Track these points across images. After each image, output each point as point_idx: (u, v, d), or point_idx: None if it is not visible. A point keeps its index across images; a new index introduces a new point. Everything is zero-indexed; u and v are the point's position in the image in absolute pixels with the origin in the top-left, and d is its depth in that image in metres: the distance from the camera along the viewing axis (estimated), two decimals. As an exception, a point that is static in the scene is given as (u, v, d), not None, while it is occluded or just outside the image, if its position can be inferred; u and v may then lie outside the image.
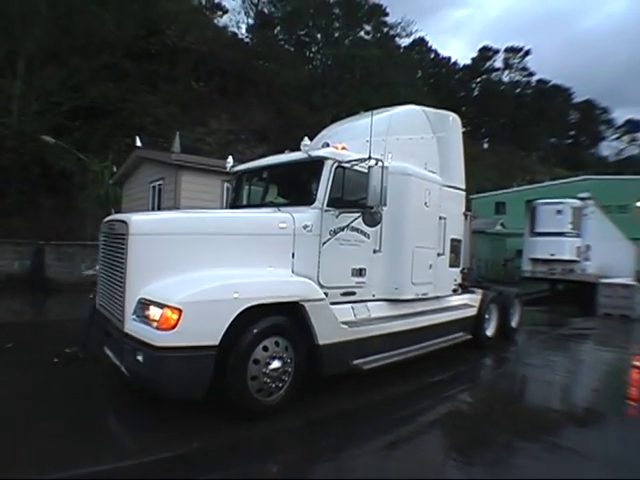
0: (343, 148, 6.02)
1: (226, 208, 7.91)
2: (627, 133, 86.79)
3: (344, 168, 5.87)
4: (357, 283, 6.15)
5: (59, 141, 19.66)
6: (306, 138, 6.19)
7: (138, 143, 16.44)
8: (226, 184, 7.48)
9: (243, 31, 44.52)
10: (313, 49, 46.99)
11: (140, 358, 4.30)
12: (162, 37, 29.16)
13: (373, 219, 5.52)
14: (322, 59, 44.76)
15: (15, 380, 5.90)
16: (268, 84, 35.64)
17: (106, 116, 24.83)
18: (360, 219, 5.63)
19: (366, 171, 5.44)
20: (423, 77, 67.61)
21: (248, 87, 33.37)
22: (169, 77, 29.05)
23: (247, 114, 31.54)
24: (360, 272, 6.11)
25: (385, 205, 5.52)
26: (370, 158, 5.48)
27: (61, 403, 5.15)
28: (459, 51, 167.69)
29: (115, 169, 19.36)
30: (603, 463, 4.42)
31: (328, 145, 6.22)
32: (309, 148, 6.09)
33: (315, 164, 5.90)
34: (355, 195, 5.67)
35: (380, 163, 5.39)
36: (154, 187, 14.68)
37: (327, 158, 5.84)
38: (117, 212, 7.45)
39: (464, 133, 9.18)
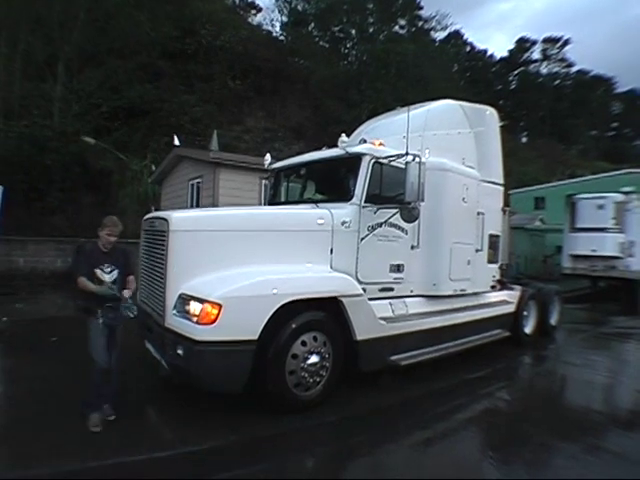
0: (380, 144, 6.03)
1: (264, 205, 8.00)
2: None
3: (381, 164, 5.89)
4: (395, 279, 6.15)
5: (99, 141, 20.17)
6: (343, 135, 6.22)
7: (176, 142, 16.69)
8: (264, 181, 7.58)
9: (277, 29, 44.72)
10: (348, 45, 46.86)
11: (180, 352, 4.43)
12: (197, 37, 29.62)
13: (411, 215, 5.51)
14: (357, 55, 44.58)
15: (60, 372, 6.13)
16: (303, 81, 35.72)
17: (144, 116, 25.34)
18: (398, 215, 5.65)
19: (403, 167, 5.44)
20: (459, 71, 66.50)
21: (283, 84, 33.54)
22: (205, 76, 29.39)
23: (283, 111, 31.69)
24: (398, 268, 6.12)
25: (423, 201, 5.52)
26: (407, 154, 5.48)
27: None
28: (502, 45, 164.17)
29: (154, 168, 19.71)
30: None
31: (365, 141, 6.28)
32: (346, 144, 6.12)
33: (352, 160, 5.93)
34: (393, 191, 5.67)
35: (417, 159, 5.39)
36: (192, 185, 14.88)
37: (364, 154, 5.87)
38: (157, 209, 7.61)
39: (502, 127, 9.04)
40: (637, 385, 7.36)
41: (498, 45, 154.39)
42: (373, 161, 5.86)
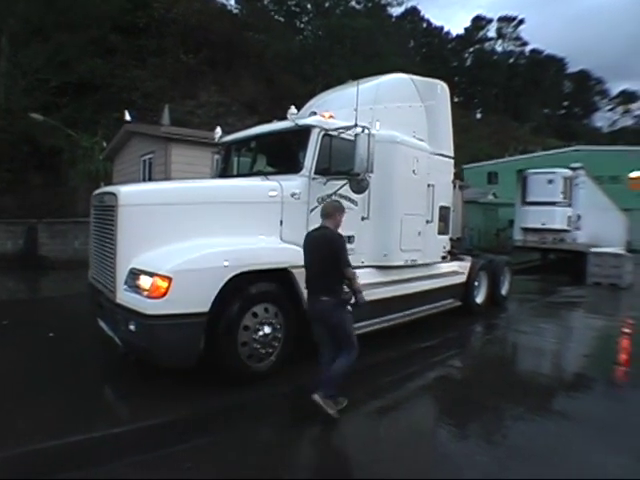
0: (330, 116, 6.03)
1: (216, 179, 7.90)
2: (621, 104, 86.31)
3: (331, 136, 5.89)
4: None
5: (48, 118, 19.48)
6: (293, 107, 6.18)
7: (127, 117, 16.32)
8: (215, 155, 7.49)
9: (232, 2, 43.62)
10: (304, 19, 46.25)
11: (132, 327, 4.40)
12: (149, 10, 28.70)
13: (360, 186, 5.56)
14: (313, 30, 44.04)
15: (12, 355, 5.99)
16: (258, 55, 35.12)
17: (95, 92, 24.60)
18: (347, 186, 5.68)
19: (353, 139, 5.45)
20: (415, 47, 66.91)
21: (237, 59, 32.90)
22: (157, 50, 28.58)
23: (237, 86, 31.11)
24: (348, 239, 6.12)
25: (372, 172, 5.55)
26: (356, 125, 5.49)
27: (56, 376, 5.26)
28: (453, 21, 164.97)
29: (105, 144, 19.20)
30: (587, 424, 4.56)
31: (315, 114, 6.26)
32: (296, 117, 6.09)
33: (302, 132, 5.91)
34: (342, 163, 5.66)
35: (366, 130, 5.40)
36: (144, 161, 14.57)
37: (314, 126, 5.86)
38: (107, 185, 7.44)
39: (457, 103, 9.20)
40: (583, 350, 7.76)
41: (449, 21, 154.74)
42: (322, 133, 5.85)
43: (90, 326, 5.74)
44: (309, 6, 44.72)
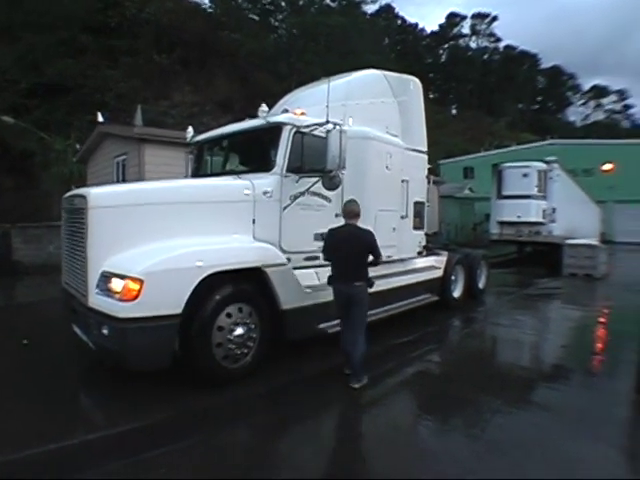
0: (302, 114, 5.99)
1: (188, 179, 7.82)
2: (593, 99, 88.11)
3: (303, 133, 5.86)
4: (320, 247, 6.15)
5: (18, 121, 19.06)
6: (264, 104, 6.15)
7: (100, 119, 16.11)
8: (190, 155, 7.42)
9: (206, 1, 43.22)
10: (279, 17, 46.10)
11: (105, 331, 4.34)
12: (120, 9, 28.30)
13: (332, 183, 5.52)
14: (287, 28, 43.93)
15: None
16: (232, 54, 34.88)
17: (66, 93, 24.21)
18: (320, 183, 5.64)
19: (325, 136, 5.44)
20: (390, 44, 67.07)
21: (211, 58, 32.67)
22: (130, 50, 28.23)
23: (211, 85, 30.90)
24: (323, 236, 6.11)
25: (344, 168, 5.53)
26: (328, 122, 5.46)
27: (32, 382, 5.15)
28: (427, 18, 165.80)
29: (78, 147, 18.90)
30: (564, 415, 4.59)
31: (287, 111, 6.20)
32: (268, 115, 6.06)
33: (273, 130, 5.86)
34: (315, 160, 5.62)
35: (338, 127, 5.38)
36: (118, 162, 14.43)
37: (285, 124, 5.82)
38: (78, 188, 7.30)
39: (432, 99, 9.31)
40: (560, 341, 7.82)
41: (423, 18, 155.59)
42: (294, 130, 5.81)
43: (65, 331, 5.63)
44: (283, 4, 44.62)
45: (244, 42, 36.23)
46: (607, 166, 32.16)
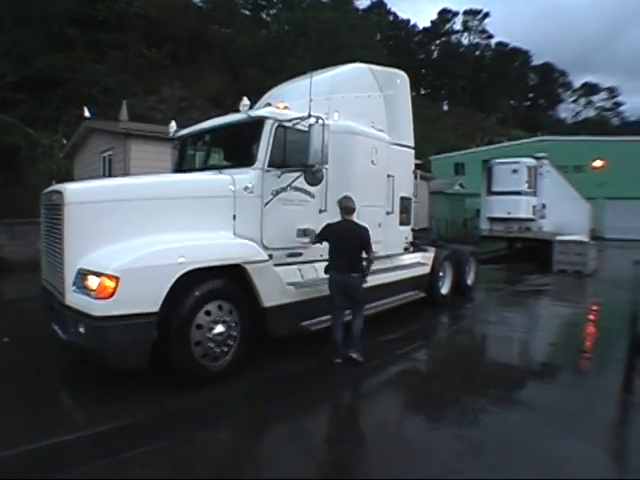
0: (285, 108, 5.89)
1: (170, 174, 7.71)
2: (584, 96, 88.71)
3: (285, 128, 5.75)
4: (303, 244, 6.08)
5: (5, 115, 18.83)
6: (245, 98, 6.03)
7: (86, 114, 15.99)
8: (174, 150, 7.33)
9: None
10: (270, 12, 45.94)
11: (82, 329, 4.26)
12: (109, 2, 27.97)
13: (314, 178, 5.44)
14: (279, 23, 43.76)
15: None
16: (222, 49, 34.67)
17: (54, 87, 23.90)
18: (302, 178, 5.55)
19: (307, 130, 5.33)
20: (382, 40, 66.93)
21: (201, 52, 32.46)
22: (119, 45, 27.96)
23: (201, 80, 30.65)
24: (305, 232, 6.04)
25: (326, 163, 5.47)
26: (310, 116, 5.38)
27: (9, 382, 5.07)
28: (419, 14, 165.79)
29: (65, 142, 18.73)
30: (550, 413, 4.52)
31: (270, 105, 6.10)
32: (249, 109, 5.96)
33: (255, 124, 5.75)
34: (298, 154, 5.53)
35: (320, 121, 5.29)
36: (104, 158, 14.33)
37: (267, 118, 5.70)
38: (58, 183, 7.17)
39: (424, 95, 9.30)
40: (549, 338, 7.74)
41: (415, 14, 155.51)
42: (276, 125, 5.70)
43: (47, 330, 5.49)
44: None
45: (235, 37, 36.09)
46: (598, 163, 32.27)
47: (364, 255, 5.71)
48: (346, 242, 5.54)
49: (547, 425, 4.25)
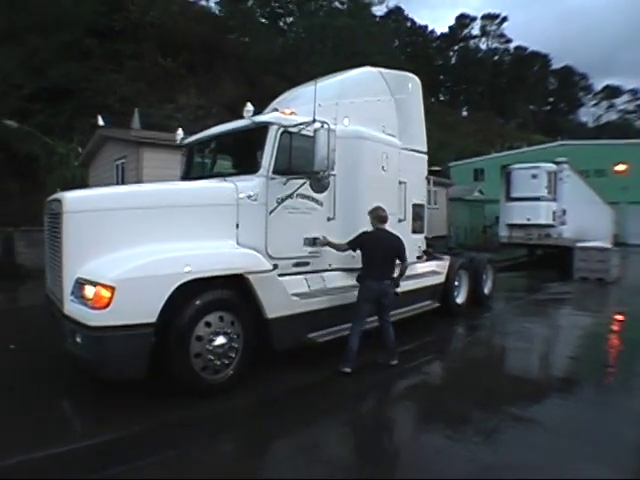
0: (292, 113, 5.77)
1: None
2: (605, 99, 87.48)
3: (290, 133, 5.60)
4: (310, 253, 5.92)
5: (22, 125, 19.13)
6: (249, 104, 5.87)
7: (100, 122, 16.22)
8: (183, 157, 7.29)
9: (212, 3, 43.24)
10: (288, 21, 46.19)
11: (79, 339, 4.23)
12: (125, 13, 28.28)
13: (320, 185, 5.30)
14: (296, 30, 43.93)
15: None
16: (239, 57, 34.84)
17: (70, 97, 24.25)
18: (308, 185, 5.39)
19: (313, 135, 5.18)
20: (400, 46, 66.77)
21: (218, 61, 32.63)
22: (135, 54, 28.25)
23: (217, 88, 30.81)
24: (313, 241, 5.87)
25: (332, 169, 5.31)
26: (315, 121, 5.22)
27: (10, 390, 5.02)
28: (438, 20, 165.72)
29: (81, 150, 18.96)
30: (567, 435, 4.20)
31: (277, 111, 5.99)
32: (255, 115, 5.82)
33: (260, 130, 5.62)
34: (303, 161, 5.38)
35: (326, 126, 5.13)
36: (118, 165, 14.48)
37: (272, 123, 5.58)
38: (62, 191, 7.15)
39: (442, 101, 9.09)
40: (569, 351, 7.41)
41: (444, 22, 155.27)
42: (281, 130, 5.55)
43: (53, 337, 5.43)
44: (292, 7, 44.64)
45: (252, 45, 36.24)
46: (620, 167, 31.67)
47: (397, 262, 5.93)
48: (382, 251, 5.72)
49: (564, 447, 3.95)
